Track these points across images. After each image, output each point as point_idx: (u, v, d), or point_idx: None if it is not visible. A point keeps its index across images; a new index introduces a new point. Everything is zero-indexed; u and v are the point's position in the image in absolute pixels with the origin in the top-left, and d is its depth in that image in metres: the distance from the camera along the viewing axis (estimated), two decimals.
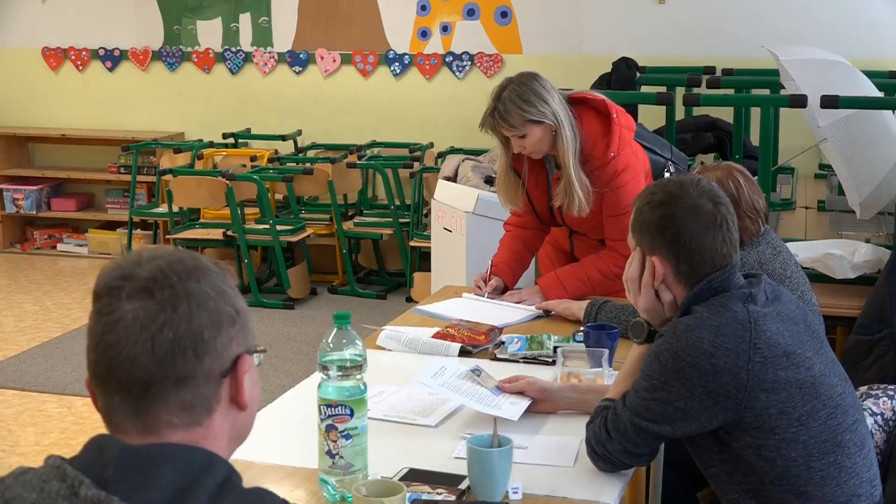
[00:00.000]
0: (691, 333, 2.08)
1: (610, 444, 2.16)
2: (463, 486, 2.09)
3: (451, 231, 5.39)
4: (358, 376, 2.05)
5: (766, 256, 2.91)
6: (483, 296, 3.51)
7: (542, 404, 2.49)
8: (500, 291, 3.56)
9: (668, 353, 2.09)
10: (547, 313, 3.34)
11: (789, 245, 3.81)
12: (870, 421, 2.57)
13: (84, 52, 8.26)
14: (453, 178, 5.98)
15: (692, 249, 2.16)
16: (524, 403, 2.46)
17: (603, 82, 6.34)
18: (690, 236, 2.15)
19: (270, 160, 7.34)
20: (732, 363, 2.05)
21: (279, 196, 7.42)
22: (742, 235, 2.83)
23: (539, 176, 3.56)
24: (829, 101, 4.01)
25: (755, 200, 2.96)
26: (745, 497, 2.15)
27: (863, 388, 2.72)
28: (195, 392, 1.32)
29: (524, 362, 2.89)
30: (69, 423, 4.88)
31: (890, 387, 2.70)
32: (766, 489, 2.12)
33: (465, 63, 7.56)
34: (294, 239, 6.90)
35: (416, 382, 2.50)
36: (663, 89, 5.64)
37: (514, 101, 3.31)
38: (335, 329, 2.06)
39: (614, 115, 3.43)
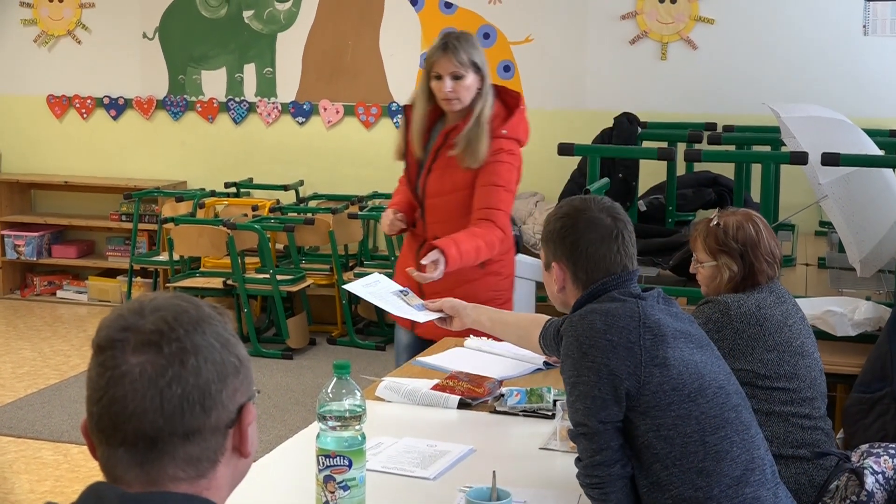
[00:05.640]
0: (584, 319, 2.26)
1: (598, 458, 2.20)
2: None
3: None
4: (357, 427, 2.04)
5: (766, 302, 2.88)
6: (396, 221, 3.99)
7: (455, 321, 2.97)
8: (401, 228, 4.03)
9: (572, 344, 2.25)
10: (547, 366, 3.31)
11: None
12: (871, 480, 2.55)
13: (89, 101, 8.31)
14: None
15: (587, 257, 2.35)
16: (435, 315, 2.95)
17: (605, 137, 6.36)
18: (587, 245, 2.35)
19: (272, 210, 7.36)
20: (626, 339, 2.21)
21: (280, 246, 7.43)
22: (759, 278, 2.92)
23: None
24: (830, 159, 4.03)
25: (773, 246, 2.97)
26: (652, 490, 2.20)
27: (864, 447, 2.70)
28: (202, 446, 1.31)
29: (524, 415, 2.88)
30: (64, 471, 4.85)
31: (891, 445, 2.68)
32: (668, 473, 2.18)
33: None
34: (294, 289, 6.90)
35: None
36: (665, 145, 5.66)
37: (467, 40, 3.72)
38: (335, 379, 2.05)
39: (522, 107, 3.80)
